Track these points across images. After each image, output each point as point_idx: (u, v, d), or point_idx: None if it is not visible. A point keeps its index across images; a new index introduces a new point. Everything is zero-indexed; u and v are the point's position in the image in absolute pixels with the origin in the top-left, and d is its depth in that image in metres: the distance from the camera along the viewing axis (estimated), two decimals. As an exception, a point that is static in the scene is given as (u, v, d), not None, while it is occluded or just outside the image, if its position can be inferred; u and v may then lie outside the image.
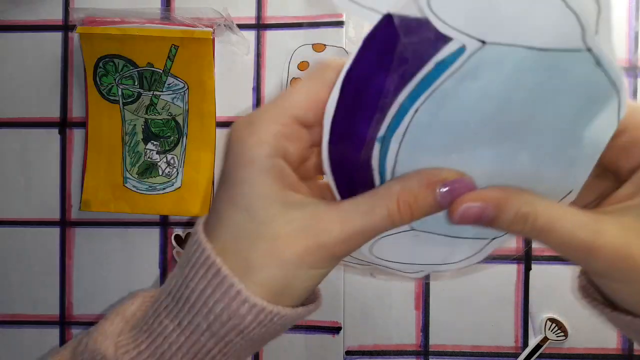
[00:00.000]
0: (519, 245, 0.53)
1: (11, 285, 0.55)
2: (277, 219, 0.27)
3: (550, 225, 0.26)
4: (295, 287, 0.27)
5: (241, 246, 0.27)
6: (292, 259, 0.27)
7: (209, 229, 0.29)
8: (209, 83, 0.52)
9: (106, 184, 0.53)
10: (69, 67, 0.54)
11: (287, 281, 0.27)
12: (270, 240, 0.27)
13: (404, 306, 0.53)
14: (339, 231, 0.27)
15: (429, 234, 0.30)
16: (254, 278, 0.27)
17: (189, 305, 0.27)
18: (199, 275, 0.27)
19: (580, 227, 0.26)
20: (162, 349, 0.28)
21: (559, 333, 0.52)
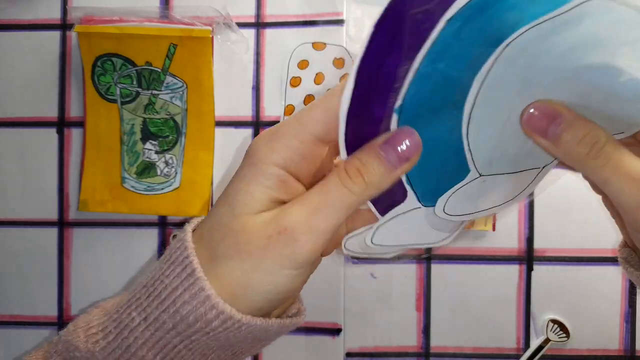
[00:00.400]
0: (520, 247, 0.52)
1: (9, 285, 0.55)
2: (250, 214, 0.27)
3: (620, 156, 0.26)
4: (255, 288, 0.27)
5: (213, 237, 0.28)
6: (253, 252, 0.26)
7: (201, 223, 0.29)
8: (207, 82, 0.52)
9: (104, 184, 0.53)
10: (67, 66, 0.54)
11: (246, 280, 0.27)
12: (237, 233, 0.27)
13: (405, 307, 0.53)
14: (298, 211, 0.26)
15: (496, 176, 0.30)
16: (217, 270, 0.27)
17: (159, 302, 0.27)
18: (175, 273, 0.27)
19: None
20: (128, 341, 0.28)
21: (561, 334, 0.52)
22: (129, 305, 0.29)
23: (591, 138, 0.26)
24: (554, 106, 0.26)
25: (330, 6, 0.52)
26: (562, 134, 0.26)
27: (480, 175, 0.30)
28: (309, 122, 0.27)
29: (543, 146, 0.27)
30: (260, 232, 0.26)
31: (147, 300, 0.28)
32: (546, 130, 0.26)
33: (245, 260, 0.26)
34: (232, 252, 0.27)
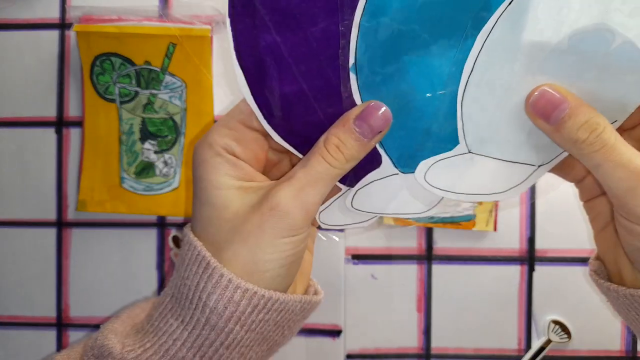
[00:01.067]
0: (522, 247, 0.52)
1: (7, 286, 0.55)
2: (234, 202, 0.29)
3: (613, 141, 0.27)
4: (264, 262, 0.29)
5: (210, 232, 0.30)
6: (251, 232, 0.29)
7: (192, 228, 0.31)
8: (207, 81, 0.51)
9: (103, 184, 0.53)
10: (66, 65, 0.54)
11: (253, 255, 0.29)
12: (230, 221, 0.29)
13: (406, 308, 0.53)
14: (285, 189, 0.29)
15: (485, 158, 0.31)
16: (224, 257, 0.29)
17: (188, 303, 0.29)
18: (193, 271, 0.29)
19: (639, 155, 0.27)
20: (167, 345, 0.29)
21: (563, 335, 0.52)
22: (164, 315, 0.30)
23: (591, 125, 0.27)
24: (560, 91, 0.28)
25: (330, 5, 0.52)
26: (565, 120, 0.27)
27: (469, 152, 0.30)
28: (235, 112, 0.31)
29: (544, 129, 0.28)
30: (253, 213, 0.29)
31: (178, 305, 0.30)
32: (550, 115, 0.28)
33: (246, 240, 0.29)
34: (232, 237, 0.29)
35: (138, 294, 0.54)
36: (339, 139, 0.29)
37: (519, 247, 0.52)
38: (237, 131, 0.31)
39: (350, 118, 0.29)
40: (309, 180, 0.29)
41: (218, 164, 0.30)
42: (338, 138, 0.29)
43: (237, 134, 0.31)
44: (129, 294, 0.54)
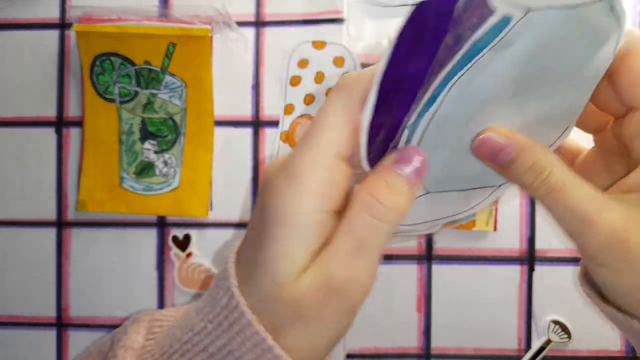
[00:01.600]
0: (522, 247, 0.52)
1: (7, 286, 0.55)
2: (299, 282, 0.25)
3: (561, 186, 0.26)
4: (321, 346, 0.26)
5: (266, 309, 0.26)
6: (312, 317, 0.25)
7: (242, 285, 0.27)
8: (207, 81, 0.51)
9: (103, 184, 0.53)
10: (66, 65, 0.54)
11: (311, 340, 0.26)
12: (289, 304, 0.25)
13: (406, 309, 0.53)
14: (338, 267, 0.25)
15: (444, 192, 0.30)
16: (280, 341, 0.26)
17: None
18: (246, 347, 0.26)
19: (588, 198, 0.26)
20: None
21: (563, 335, 0.52)
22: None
23: (536, 169, 0.26)
24: (503, 133, 0.27)
25: (330, 5, 0.52)
26: (510, 164, 0.27)
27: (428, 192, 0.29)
28: (327, 145, 0.25)
29: (494, 169, 0.28)
30: (312, 299, 0.25)
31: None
32: (495, 159, 0.27)
33: (307, 325, 0.25)
34: (291, 321, 0.25)
35: (138, 293, 0.54)
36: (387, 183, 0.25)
37: (519, 247, 0.52)
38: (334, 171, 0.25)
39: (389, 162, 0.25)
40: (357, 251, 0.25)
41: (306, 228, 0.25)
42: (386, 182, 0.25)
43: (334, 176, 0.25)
44: (129, 294, 0.54)
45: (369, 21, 0.52)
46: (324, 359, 0.27)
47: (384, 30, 0.52)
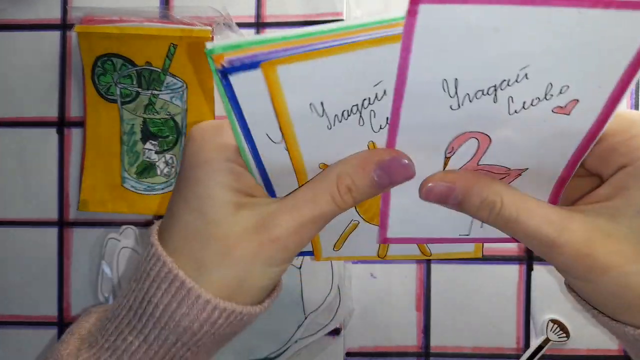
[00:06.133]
0: (521, 247, 0.52)
1: (9, 285, 0.55)
2: (227, 218, 0.27)
3: (515, 217, 0.27)
4: (250, 286, 0.28)
5: (193, 247, 0.28)
6: (244, 257, 0.27)
7: (162, 232, 0.29)
8: (208, 82, 0.52)
9: (104, 184, 0.53)
10: (67, 66, 0.54)
11: (240, 280, 0.27)
12: (221, 240, 0.27)
13: (405, 307, 0.53)
14: (289, 223, 0.27)
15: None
16: (207, 278, 0.27)
17: (154, 321, 0.27)
18: (162, 289, 0.27)
19: (546, 222, 0.27)
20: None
21: (561, 334, 0.52)
22: (120, 331, 0.28)
23: (487, 204, 0.27)
24: (447, 178, 0.28)
25: (329, 6, 0.52)
26: (462, 203, 0.28)
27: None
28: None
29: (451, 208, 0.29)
30: (249, 240, 0.27)
31: (140, 323, 0.28)
32: (447, 202, 0.28)
33: (236, 265, 0.27)
34: (219, 260, 0.27)
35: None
36: (352, 182, 0.27)
37: (517, 247, 0.52)
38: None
39: (372, 162, 0.27)
40: (314, 217, 0.27)
41: (222, 172, 0.28)
42: (352, 180, 0.27)
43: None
44: (130, 293, 0.54)
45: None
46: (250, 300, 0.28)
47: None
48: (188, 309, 0.27)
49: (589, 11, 0.22)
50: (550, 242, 0.26)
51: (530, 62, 0.24)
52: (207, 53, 0.23)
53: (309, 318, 0.52)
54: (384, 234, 0.32)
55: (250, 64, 0.23)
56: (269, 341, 0.52)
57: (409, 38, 0.23)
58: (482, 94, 0.25)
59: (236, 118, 0.26)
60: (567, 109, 0.26)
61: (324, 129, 0.26)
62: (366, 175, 0.27)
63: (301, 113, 0.25)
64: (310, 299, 0.52)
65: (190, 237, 0.28)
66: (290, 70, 0.23)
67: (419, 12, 0.22)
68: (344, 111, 0.25)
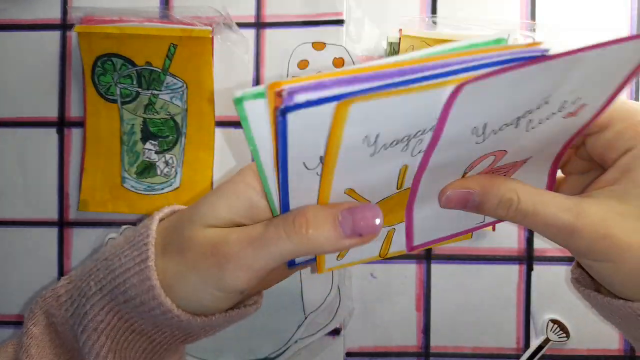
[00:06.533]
0: (520, 247, 0.52)
1: (9, 285, 0.55)
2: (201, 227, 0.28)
3: (533, 209, 0.28)
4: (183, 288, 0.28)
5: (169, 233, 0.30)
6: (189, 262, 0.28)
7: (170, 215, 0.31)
8: (208, 82, 0.52)
9: (104, 184, 0.53)
10: (67, 66, 0.54)
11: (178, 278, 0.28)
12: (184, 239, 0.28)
13: (405, 307, 0.53)
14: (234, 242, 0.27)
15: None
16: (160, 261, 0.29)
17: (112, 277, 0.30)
18: (131, 255, 0.29)
19: (562, 209, 0.28)
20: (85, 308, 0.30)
21: (561, 334, 0.52)
22: (90, 274, 0.31)
23: (505, 203, 0.28)
24: (463, 184, 0.29)
25: (330, 6, 0.52)
26: (480, 205, 0.29)
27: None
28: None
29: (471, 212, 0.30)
30: (199, 246, 0.28)
31: (103, 272, 0.30)
32: (466, 206, 0.29)
33: (181, 264, 0.28)
34: (175, 252, 0.28)
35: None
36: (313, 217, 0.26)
37: (517, 247, 0.52)
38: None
39: (340, 207, 0.26)
40: (259, 243, 0.26)
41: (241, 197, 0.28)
42: (314, 215, 0.26)
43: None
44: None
45: (368, 23, 0.52)
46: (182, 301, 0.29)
47: (384, 31, 0.52)
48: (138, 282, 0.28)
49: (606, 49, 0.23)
50: (570, 228, 0.27)
51: (552, 93, 0.25)
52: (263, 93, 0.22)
53: (309, 318, 0.52)
54: (411, 244, 0.33)
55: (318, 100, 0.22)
56: (269, 341, 0.52)
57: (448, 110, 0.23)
58: (506, 125, 0.26)
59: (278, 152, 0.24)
60: (575, 113, 0.27)
61: (367, 157, 0.25)
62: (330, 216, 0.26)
63: (353, 144, 0.24)
64: (310, 299, 0.52)
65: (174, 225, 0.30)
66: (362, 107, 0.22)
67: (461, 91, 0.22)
68: (394, 141, 0.25)
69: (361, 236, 0.26)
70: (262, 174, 0.26)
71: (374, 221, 0.26)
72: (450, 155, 0.27)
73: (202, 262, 0.27)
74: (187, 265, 0.28)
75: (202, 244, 0.27)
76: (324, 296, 0.52)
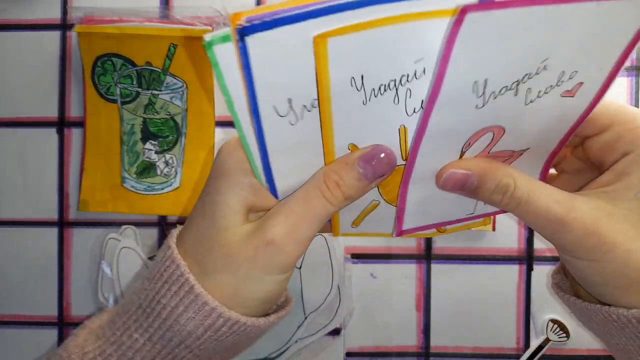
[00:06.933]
0: (520, 247, 0.52)
1: (9, 285, 0.55)
2: (235, 227, 0.28)
3: (527, 197, 0.28)
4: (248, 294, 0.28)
5: (199, 251, 0.29)
6: (242, 263, 0.28)
7: (180, 236, 0.30)
8: (208, 82, 0.52)
9: (104, 184, 0.53)
10: (67, 66, 0.54)
11: (237, 287, 0.28)
12: (224, 247, 0.28)
13: (405, 307, 0.53)
14: (282, 223, 0.28)
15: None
16: (209, 283, 0.28)
17: (160, 322, 0.28)
18: (172, 291, 0.28)
19: (555, 201, 0.28)
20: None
21: (561, 334, 0.52)
22: (127, 327, 0.29)
23: (501, 188, 0.28)
24: (463, 165, 0.29)
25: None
26: (477, 190, 0.29)
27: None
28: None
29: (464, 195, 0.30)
30: (247, 245, 0.28)
31: (147, 321, 0.29)
32: (462, 188, 0.29)
33: (235, 272, 0.28)
34: (221, 265, 0.28)
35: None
36: (339, 177, 0.28)
37: (517, 247, 0.52)
38: None
39: (355, 157, 0.28)
40: (305, 216, 0.28)
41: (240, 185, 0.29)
42: (339, 175, 0.28)
43: None
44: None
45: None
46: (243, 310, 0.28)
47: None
48: (194, 313, 0.28)
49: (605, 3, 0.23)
50: (560, 221, 0.27)
51: (550, 55, 0.25)
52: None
53: (309, 318, 0.52)
54: (400, 228, 0.33)
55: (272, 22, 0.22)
56: (269, 341, 0.52)
57: (450, 47, 0.23)
58: (506, 89, 0.26)
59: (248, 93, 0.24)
60: (573, 91, 0.27)
61: (359, 105, 0.26)
62: (351, 168, 0.28)
63: (342, 88, 0.25)
64: (310, 299, 0.52)
65: (200, 242, 0.29)
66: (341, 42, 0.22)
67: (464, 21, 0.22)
68: (381, 85, 0.25)
69: (383, 176, 0.29)
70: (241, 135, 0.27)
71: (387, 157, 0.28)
72: (450, 120, 0.26)
73: (260, 257, 0.28)
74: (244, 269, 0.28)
75: (248, 242, 0.28)
76: (324, 296, 0.52)
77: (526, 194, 0.28)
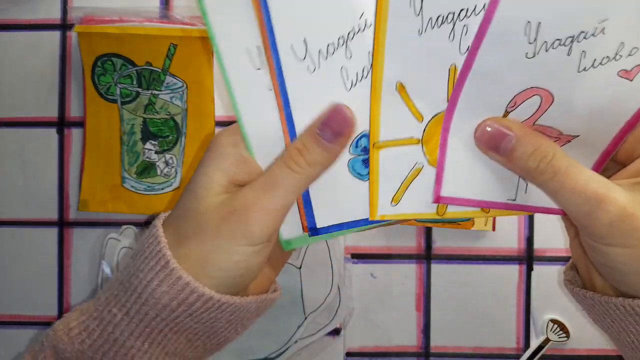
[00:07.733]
0: (520, 247, 0.52)
1: (9, 285, 0.55)
2: (211, 197, 0.29)
3: (565, 168, 0.27)
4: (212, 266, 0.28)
5: (179, 222, 0.29)
6: (210, 231, 0.28)
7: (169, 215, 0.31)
8: (208, 82, 0.52)
9: (104, 184, 0.53)
10: (67, 66, 0.54)
11: (203, 258, 0.28)
12: (199, 215, 0.29)
13: (405, 307, 0.53)
14: (249, 193, 0.28)
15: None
16: (179, 252, 0.28)
17: (136, 296, 0.29)
18: (149, 266, 0.29)
19: (594, 179, 0.27)
20: (114, 335, 0.29)
21: (561, 334, 0.52)
22: (108, 303, 0.30)
23: (539, 153, 0.27)
24: (504, 123, 0.28)
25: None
26: (513, 151, 0.28)
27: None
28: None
29: (497, 161, 0.29)
30: (215, 213, 0.28)
31: (125, 296, 0.29)
32: (498, 147, 0.28)
33: (203, 240, 0.28)
34: (191, 233, 0.29)
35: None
36: (302, 144, 0.28)
37: (517, 247, 0.52)
38: None
39: (316, 123, 0.28)
40: (269, 184, 0.28)
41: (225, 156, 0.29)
42: (301, 142, 0.28)
43: None
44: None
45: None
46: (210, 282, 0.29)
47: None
48: (168, 287, 0.28)
49: None
50: (599, 198, 0.26)
51: (610, 16, 0.24)
52: None
53: (309, 318, 0.52)
54: (439, 191, 0.30)
55: None
56: (269, 341, 0.52)
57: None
58: (559, 43, 0.25)
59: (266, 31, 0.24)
60: (632, 73, 0.26)
61: (414, 34, 0.25)
62: (311, 134, 0.28)
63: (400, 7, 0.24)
64: (310, 299, 0.52)
65: (181, 214, 0.30)
66: None
67: None
68: (439, 16, 0.24)
69: (343, 134, 0.28)
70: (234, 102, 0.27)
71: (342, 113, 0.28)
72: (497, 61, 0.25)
73: (224, 225, 0.28)
74: (210, 237, 0.28)
75: (217, 210, 0.28)
76: (324, 296, 0.52)
77: (565, 165, 0.27)
